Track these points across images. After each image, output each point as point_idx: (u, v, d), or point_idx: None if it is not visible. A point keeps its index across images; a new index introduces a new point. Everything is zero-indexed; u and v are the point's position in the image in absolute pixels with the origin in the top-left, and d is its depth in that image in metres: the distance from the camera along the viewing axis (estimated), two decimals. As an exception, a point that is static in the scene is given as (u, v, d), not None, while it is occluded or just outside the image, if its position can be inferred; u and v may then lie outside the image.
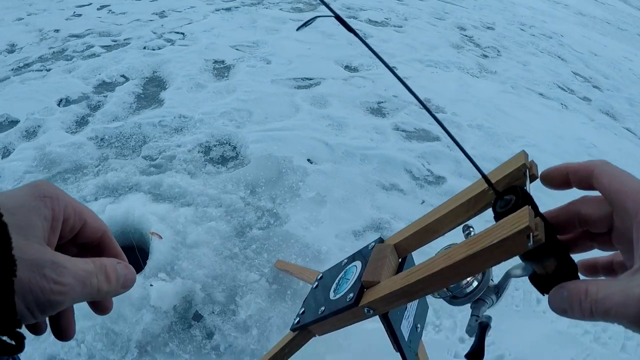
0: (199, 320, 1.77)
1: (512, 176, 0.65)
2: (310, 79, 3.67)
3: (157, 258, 1.89)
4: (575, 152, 3.48)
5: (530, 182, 0.63)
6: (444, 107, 3.59)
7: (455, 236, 0.74)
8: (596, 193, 0.53)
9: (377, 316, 0.89)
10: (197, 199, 2.25)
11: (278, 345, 1.11)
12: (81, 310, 1.51)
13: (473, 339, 0.79)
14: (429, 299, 1.19)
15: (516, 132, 3.48)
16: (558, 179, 0.57)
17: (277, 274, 1.95)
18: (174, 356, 1.65)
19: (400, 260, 0.93)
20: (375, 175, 2.64)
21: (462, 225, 0.77)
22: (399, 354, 1.02)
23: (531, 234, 0.52)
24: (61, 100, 3.13)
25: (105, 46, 4.00)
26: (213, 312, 1.79)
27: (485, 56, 5.06)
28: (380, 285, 0.84)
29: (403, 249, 0.92)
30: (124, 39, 4.17)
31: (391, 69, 0.57)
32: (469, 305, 0.82)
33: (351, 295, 0.88)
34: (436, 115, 2.47)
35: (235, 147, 2.74)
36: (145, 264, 1.90)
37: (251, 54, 4.02)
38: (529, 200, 0.57)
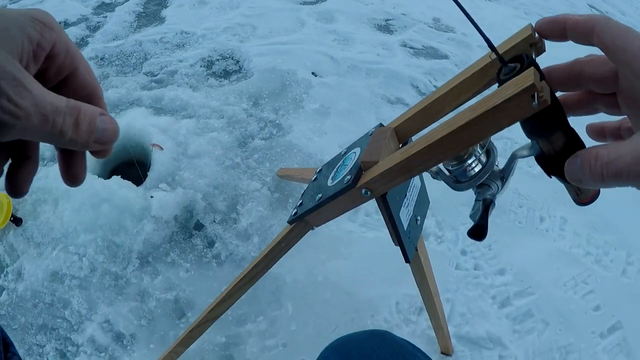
0: (200, 230, 1.77)
1: (518, 48, 0.61)
2: (317, -4, 3.56)
3: (158, 169, 1.87)
4: None
5: (537, 54, 0.60)
6: (453, 27, 3.47)
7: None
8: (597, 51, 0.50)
9: (380, 226, 0.86)
10: (198, 111, 2.21)
11: (275, 239, 1.09)
12: (82, 224, 1.51)
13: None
14: (432, 201, 1.17)
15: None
16: (555, 30, 0.54)
17: (279, 182, 1.93)
18: (175, 265, 1.66)
19: (401, 145, 0.90)
20: (381, 89, 2.58)
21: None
22: (400, 258, 1.00)
23: (536, 94, 0.50)
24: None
25: (105, -34, 3.88)
26: (214, 221, 1.78)
27: (501, -22, 4.88)
28: (379, 164, 0.80)
29: (404, 132, 0.88)
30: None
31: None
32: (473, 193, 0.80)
33: (349, 177, 0.85)
34: (445, 34, 2.39)
35: (238, 61, 2.67)
36: (145, 177, 1.89)
37: (256, -30, 3.89)
38: (534, 65, 0.54)
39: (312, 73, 2.60)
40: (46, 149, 2.03)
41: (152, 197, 1.78)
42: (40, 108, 0.35)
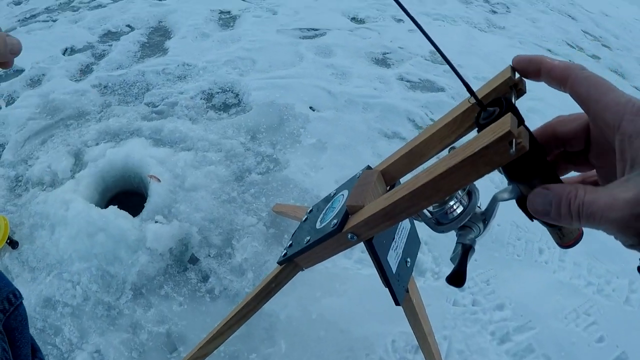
0: (195, 263, 1.78)
1: (498, 91, 0.62)
2: (316, 30, 3.61)
3: (155, 201, 1.89)
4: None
5: (517, 97, 0.61)
6: (450, 59, 3.52)
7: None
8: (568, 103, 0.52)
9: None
10: (197, 144, 2.25)
11: (265, 279, 1.11)
12: (78, 252, 1.52)
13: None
14: (428, 237, 1.19)
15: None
16: (530, 70, 0.55)
17: (275, 218, 1.95)
18: (169, 299, 1.67)
19: (388, 188, 0.92)
20: (377, 123, 2.62)
21: (448, 148, 0.74)
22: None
23: (514, 140, 0.50)
24: (66, 49, 3.12)
25: (112, -3, 3.96)
26: (209, 255, 1.80)
27: (494, 12, 4.94)
28: (364, 209, 0.82)
29: (390, 175, 0.90)
30: (131, -10, 4.12)
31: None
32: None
33: (335, 221, 0.87)
34: (441, 66, 2.42)
35: (237, 94, 2.72)
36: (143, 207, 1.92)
37: (257, 4, 3.96)
38: (513, 110, 0.55)
39: (310, 107, 2.64)
40: (45, 174, 2.06)
41: (156, 222, 1.81)
42: None
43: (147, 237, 1.75)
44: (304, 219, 1.14)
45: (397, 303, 1.04)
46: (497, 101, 0.58)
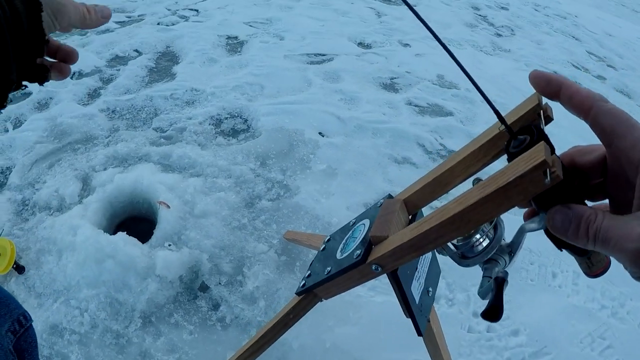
0: (205, 291, 1.75)
1: (525, 118, 0.62)
2: (323, 55, 3.62)
3: (164, 227, 1.87)
4: (588, 128, 3.41)
5: (546, 124, 0.60)
6: (457, 84, 3.53)
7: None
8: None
9: (389, 290, 0.85)
10: (206, 170, 2.23)
11: (283, 310, 1.08)
12: (86, 278, 1.50)
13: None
14: (442, 264, 1.16)
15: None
16: (549, 89, 0.55)
17: (286, 245, 1.92)
18: (179, 327, 1.64)
19: (410, 217, 0.90)
20: (387, 148, 2.61)
21: (473, 178, 0.73)
22: (410, 322, 0.99)
23: (548, 170, 0.49)
24: (74, 73, 3.11)
25: (120, 22, 3.96)
26: (220, 283, 1.77)
27: (499, 35, 4.97)
28: (389, 240, 0.80)
29: (413, 204, 0.88)
30: (138, 15, 4.14)
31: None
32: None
33: (358, 252, 0.85)
34: (449, 90, 2.45)
35: (246, 120, 2.71)
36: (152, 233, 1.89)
37: (265, 30, 3.98)
38: (544, 138, 0.54)
39: (319, 133, 2.63)
40: (53, 199, 2.03)
41: (169, 245, 1.79)
42: (71, 3, 0.59)
43: (156, 264, 1.72)
44: (321, 248, 1.12)
45: (419, 334, 1.01)
46: (527, 129, 0.57)
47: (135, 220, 2.06)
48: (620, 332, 1.85)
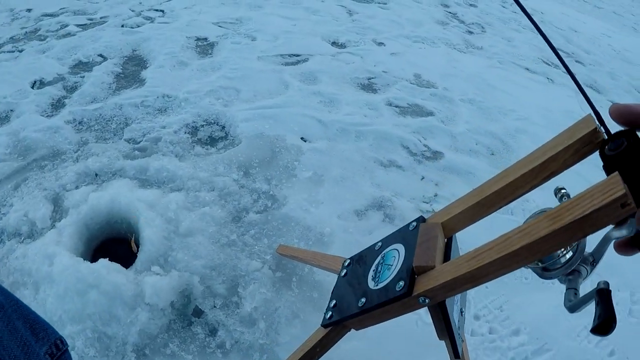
0: (200, 316, 1.63)
1: (582, 141, 0.60)
2: (298, 55, 3.52)
3: (149, 250, 1.74)
4: (565, 125, 3.34)
5: (602, 148, 0.58)
6: (434, 82, 3.49)
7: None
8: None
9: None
10: (187, 183, 2.10)
11: (308, 343, 0.98)
12: (68, 313, 1.38)
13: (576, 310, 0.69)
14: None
15: (507, 106, 3.41)
16: (629, 118, 0.54)
17: (280, 260, 1.82)
18: (176, 358, 1.51)
19: (446, 240, 0.82)
20: (372, 152, 2.53)
21: (554, 189, 0.70)
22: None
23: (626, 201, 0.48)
24: (35, 82, 2.94)
25: (81, 25, 3.79)
26: (214, 306, 1.66)
27: (471, 32, 4.98)
28: (438, 271, 0.72)
29: (450, 228, 0.81)
30: (101, 17, 3.97)
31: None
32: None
33: (401, 283, 0.76)
34: (427, 90, 2.40)
35: (224, 127, 2.59)
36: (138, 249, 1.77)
37: (235, 30, 3.86)
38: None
39: (302, 138, 2.53)
40: (22, 224, 1.88)
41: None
42: None
43: (144, 291, 1.60)
44: (342, 273, 1.03)
45: (457, 356, 0.94)
46: (623, 133, 0.56)
47: (115, 242, 1.93)
48: None
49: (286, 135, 2.50)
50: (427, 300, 0.75)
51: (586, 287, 0.66)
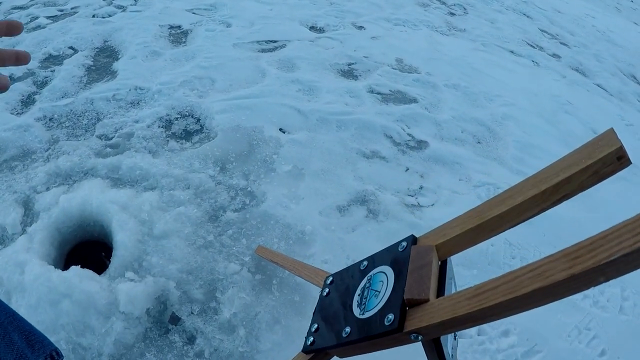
0: (177, 324, 1.56)
1: (604, 161, 0.52)
2: (275, 42, 3.43)
3: (123, 255, 1.66)
4: (552, 110, 3.41)
5: (624, 166, 0.52)
6: (417, 67, 3.42)
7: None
8: None
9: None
10: (161, 181, 2.02)
11: (287, 368, 0.92)
12: (41, 324, 1.32)
13: None
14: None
15: (493, 91, 3.35)
16: None
17: (260, 261, 1.75)
18: (153, 368, 1.45)
19: (440, 263, 0.75)
20: (354, 142, 2.46)
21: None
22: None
23: None
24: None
25: (51, 17, 3.65)
26: (192, 313, 1.58)
27: (453, 14, 4.90)
28: (434, 306, 0.65)
29: (445, 251, 0.74)
30: (71, 8, 3.83)
31: None
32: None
33: (391, 316, 0.69)
34: (410, 75, 2.33)
35: (199, 119, 2.50)
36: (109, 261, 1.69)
37: (209, 17, 3.75)
38: None
39: (280, 129, 2.45)
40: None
41: None
42: None
43: (119, 299, 1.52)
44: (325, 293, 0.95)
45: None
46: None
47: (88, 245, 1.85)
48: (604, 320, 1.87)
49: (264, 127, 2.42)
50: (420, 337, 0.68)
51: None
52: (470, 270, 1.88)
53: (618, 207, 2.48)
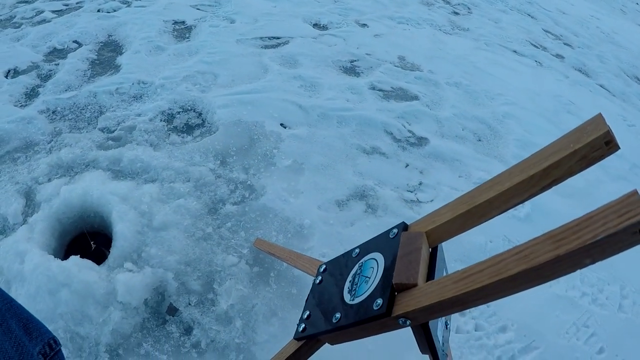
0: (175, 314, 1.57)
1: (592, 145, 0.52)
2: (278, 38, 3.44)
3: (122, 245, 1.68)
4: (554, 110, 3.40)
5: (610, 153, 0.52)
6: (419, 65, 3.42)
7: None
8: None
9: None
10: (162, 174, 2.03)
11: (279, 356, 0.92)
12: (40, 313, 1.33)
13: None
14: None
15: (495, 90, 3.35)
16: None
17: (258, 254, 1.76)
18: (150, 358, 1.46)
19: (430, 250, 0.76)
20: (355, 138, 2.47)
21: None
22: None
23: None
24: (9, 71, 2.83)
25: (57, 11, 3.67)
26: (189, 304, 1.60)
27: (456, 13, 4.90)
28: (421, 290, 0.66)
29: (436, 237, 0.74)
30: (76, 3, 3.84)
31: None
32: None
33: (379, 301, 0.70)
34: (412, 73, 2.35)
35: (200, 114, 2.51)
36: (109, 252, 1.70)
37: (213, 13, 3.76)
38: None
39: (281, 124, 2.46)
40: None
41: None
42: None
43: (117, 289, 1.53)
44: (317, 280, 0.96)
45: None
46: None
47: (89, 236, 1.86)
48: (602, 318, 1.87)
49: (265, 122, 2.43)
50: (407, 322, 0.69)
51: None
52: (468, 265, 1.89)
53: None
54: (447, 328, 0.90)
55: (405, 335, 0.88)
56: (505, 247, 2.03)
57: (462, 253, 1.92)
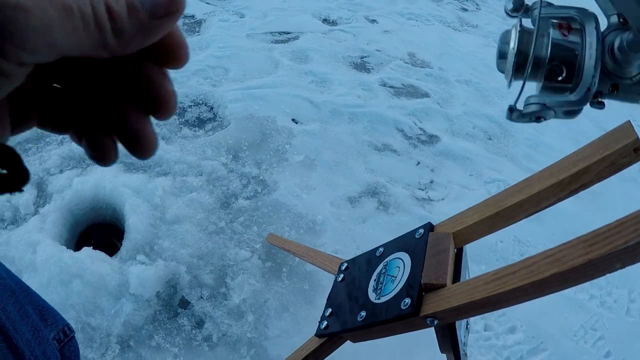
0: (187, 308, 1.57)
1: (621, 152, 0.55)
2: (288, 33, 3.43)
3: (135, 238, 1.67)
4: None
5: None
6: (429, 62, 3.41)
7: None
8: None
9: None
10: (174, 167, 2.03)
11: (299, 352, 0.92)
12: (52, 303, 1.33)
13: None
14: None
15: (504, 88, 3.32)
16: None
17: (270, 249, 1.76)
18: (161, 350, 1.46)
19: (456, 250, 0.75)
20: (366, 135, 2.46)
21: None
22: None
23: None
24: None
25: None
26: (202, 297, 1.60)
27: (465, 9, 4.87)
28: (450, 291, 0.65)
29: (462, 239, 0.74)
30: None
31: None
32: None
33: (407, 300, 0.70)
34: (422, 70, 2.34)
35: (212, 108, 2.51)
36: (121, 244, 1.70)
37: (223, 7, 3.74)
38: None
39: (293, 120, 2.46)
40: (5, 209, 1.80)
41: None
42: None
43: (129, 281, 1.54)
44: (339, 278, 0.96)
45: None
46: None
47: (100, 227, 1.86)
48: (610, 322, 1.86)
49: (276, 117, 2.43)
50: (435, 322, 0.69)
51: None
52: (479, 265, 1.88)
53: (627, 207, 2.46)
54: (467, 329, 0.90)
55: (416, 333, 0.88)
56: (516, 247, 2.03)
57: (473, 252, 1.92)
